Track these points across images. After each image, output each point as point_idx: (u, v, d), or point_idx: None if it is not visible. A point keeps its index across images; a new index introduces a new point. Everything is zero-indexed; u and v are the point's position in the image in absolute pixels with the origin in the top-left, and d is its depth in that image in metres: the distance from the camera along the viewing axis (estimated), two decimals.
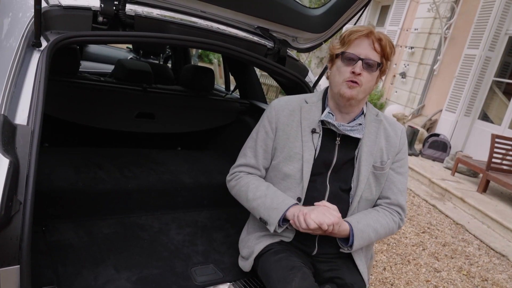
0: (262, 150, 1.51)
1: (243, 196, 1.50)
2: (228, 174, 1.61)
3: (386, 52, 1.38)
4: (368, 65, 1.36)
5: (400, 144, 1.50)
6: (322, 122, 1.45)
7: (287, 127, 1.47)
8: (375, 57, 1.36)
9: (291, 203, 1.38)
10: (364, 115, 1.48)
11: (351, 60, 1.36)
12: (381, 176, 1.47)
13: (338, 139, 1.45)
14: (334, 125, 1.42)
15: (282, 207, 1.37)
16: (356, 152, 1.45)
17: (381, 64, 1.39)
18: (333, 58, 1.45)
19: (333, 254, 1.47)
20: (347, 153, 1.46)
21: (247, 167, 1.54)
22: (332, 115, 1.44)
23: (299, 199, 1.43)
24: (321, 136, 1.45)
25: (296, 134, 1.45)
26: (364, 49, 1.36)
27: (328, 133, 1.45)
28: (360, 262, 1.47)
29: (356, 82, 1.36)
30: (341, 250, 1.43)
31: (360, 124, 1.45)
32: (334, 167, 1.45)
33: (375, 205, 1.51)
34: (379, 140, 1.47)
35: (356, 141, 1.46)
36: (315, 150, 1.43)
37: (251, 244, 1.52)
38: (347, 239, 1.38)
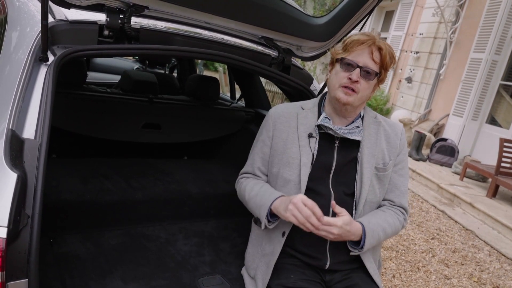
0: (259, 158, 1.57)
1: (243, 199, 1.56)
2: None
3: (385, 62, 1.40)
4: (366, 73, 1.38)
5: (400, 144, 1.52)
6: (319, 126, 1.47)
7: (284, 134, 1.50)
8: (373, 66, 1.39)
9: (275, 196, 1.39)
10: (362, 118, 1.50)
11: (349, 66, 1.39)
12: (384, 178, 1.48)
13: (336, 142, 1.46)
14: (331, 129, 1.43)
15: (267, 203, 1.40)
16: (358, 154, 1.46)
17: (379, 73, 1.41)
18: (333, 61, 1.48)
19: (346, 265, 1.46)
20: (347, 155, 1.46)
21: (247, 174, 1.62)
22: (329, 119, 1.46)
23: None
24: (317, 140, 1.46)
25: (293, 140, 1.47)
26: (364, 58, 1.38)
27: (326, 137, 1.47)
28: (374, 272, 1.46)
29: (353, 90, 1.39)
30: (351, 253, 1.42)
31: (358, 126, 1.47)
32: (335, 170, 1.45)
33: (378, 207, 1.52)
34: (380, 142, 1.49)
35: (356, 144, 1.47)
36: (313, 154, 1.45)
37: (256, 266, 1.50)
38: (357, 242, 1.38)
